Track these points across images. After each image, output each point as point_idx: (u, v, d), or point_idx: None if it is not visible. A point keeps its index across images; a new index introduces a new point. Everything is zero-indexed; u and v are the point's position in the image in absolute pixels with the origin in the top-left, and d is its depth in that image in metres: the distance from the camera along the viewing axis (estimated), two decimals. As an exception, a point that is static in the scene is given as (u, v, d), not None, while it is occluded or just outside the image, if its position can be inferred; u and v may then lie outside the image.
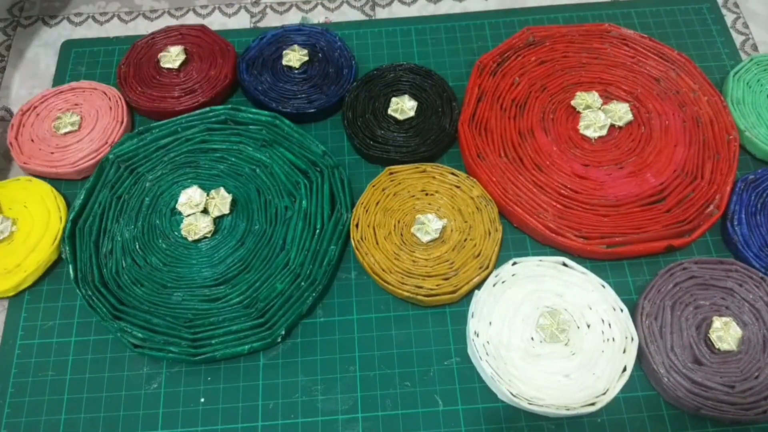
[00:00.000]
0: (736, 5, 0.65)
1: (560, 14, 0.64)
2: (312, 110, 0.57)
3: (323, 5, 0.68)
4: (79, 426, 0.46)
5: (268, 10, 0.68)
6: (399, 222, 0.51)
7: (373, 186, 0.52)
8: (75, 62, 0.63)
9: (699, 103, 0.55)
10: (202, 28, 0.62)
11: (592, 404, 0.43)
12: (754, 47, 0.63)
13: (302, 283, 0.48)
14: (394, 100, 0.56)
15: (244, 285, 0.49)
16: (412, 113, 0.55)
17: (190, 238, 0.51)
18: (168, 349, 0.47)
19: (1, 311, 0.52)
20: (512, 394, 0.44)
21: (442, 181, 0.53)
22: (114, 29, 0.67)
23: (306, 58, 0.59)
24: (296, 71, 0.59)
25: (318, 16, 0.67)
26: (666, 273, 0.48)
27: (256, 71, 0.59)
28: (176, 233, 0.52)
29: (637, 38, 0.59)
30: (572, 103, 0.56)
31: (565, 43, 0.59)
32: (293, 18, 0.67)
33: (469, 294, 0.49)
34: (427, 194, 0.52)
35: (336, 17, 0.67)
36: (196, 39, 0.61)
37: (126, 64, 0.60)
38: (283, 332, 0.47)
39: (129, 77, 0.59)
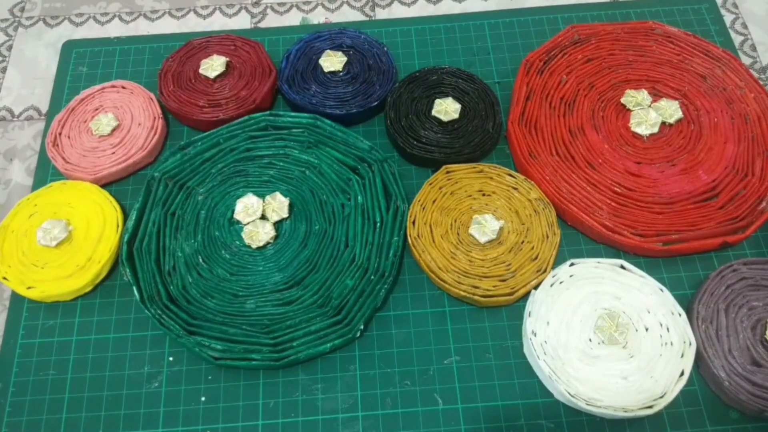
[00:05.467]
0: (735, 6, 0.66)
1: (560, 15, 0.64)
2: (375, 103, 0.57)
3: (323, 6, 0.68)
4: (80, 425, 0.47)
5: (268, 10, 0.68)
6: (456, 221, 0.51)
7: (430, 184, 0.52)
8: (76, 62, 0.63)
9: (746, 100, 0.56)
10: (256, 45, 0.61)
11: (650, 407, 0.43)
12: (753, 47, 0.63)
13: (372, 277, 0.49)
14: (437, 101, 0.56)
15: (315, 285, 0.49)
16: (456, 115, 0.55)
17: (254, 246, 0.51)
18: (250, 357, 0.47)
19: (2, 311, 0.52)
20: (570, 394, 0.44)
21: (499, 182, 0.53)
22: (115, 30, 0.68)
23: (345, 59, 0.59)
24: (341, 74, 0.59)
25: (318, 17, 0.67)
26: (717, 276, 0.48)
27: (298, 87, 0.58)
28: (237, 242, 0.52)
29: (682, 35, 0.59)
30: (622, 100, 0.56)
31: (611, 41, 0.59)
32: (293, 19, 0.67)
33: (525, 296, 0.49)
34: (484, 194, 0.52)
35: (336, 18, 0.67)
36: (246, 54, 0.60)
37: (173, 59, 0.60)
38: (362, 327, 0.48)
39: (169, 73, 0.59)
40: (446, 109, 0.55)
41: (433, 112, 0.55)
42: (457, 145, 0.54)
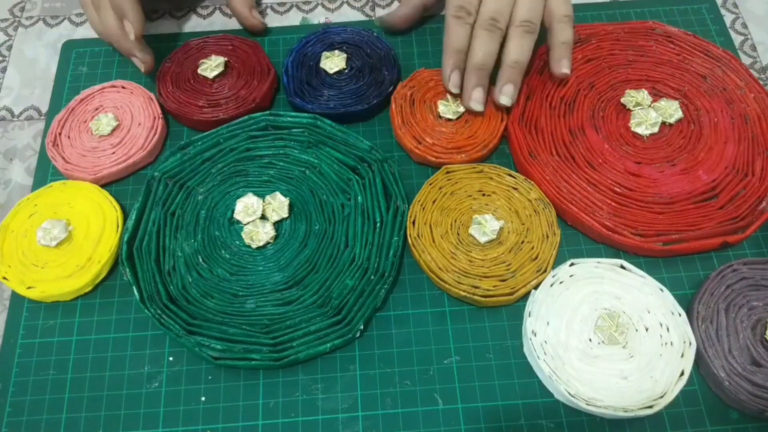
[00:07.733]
0: (735, 5, 0.66)
1: (560, 15, 0.64)
2: (391, 88, 0.57)
3: (323, 6, 0.68)
4: (80, 425, 0.47)
5: (268, 10, 0.68)
6: (456, 221, 0.51)
7: (430, 184, 0.53)
8: (76, 62, 0.63)
9: (746, 99, 0.56)
10: (254, 44, 0.60)
11: (650, 407, 0.43)
12: (753, 48, 0.63)
13: (372, 277, 0.49)
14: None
15: (315, 285, 0.49)
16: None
17: (254, 246, 0.51)
18: (250, 357, 0.47)
19: (2, 311, 0.52)
20: (570, 394, 0.44)
21: (499, 182, 0.53)
22: (115, 30, 0.67)
23: (345, 55, 0.59)
24: (347, 71, 0.59)
25: (318, 17, 0.67)
26: (717, 276, 0.48)
27: (311, 97, 0.58)
28: (237, 242, 0.52)
29: (682, 35, 0.59)
30: (622, 100, 0.56)
31: (611, 41, 0.59)
32: (294, 19, 0.67)
33: (525, 296, 0.49)
34: (484, 195, 0.52)
35: (336, 18, 0.67)
36: (244, 54, 0.60)
37: (171, 60, 0.60)
38: (361, 327, 0.48)
39: (168, 74, 0.59)
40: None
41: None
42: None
